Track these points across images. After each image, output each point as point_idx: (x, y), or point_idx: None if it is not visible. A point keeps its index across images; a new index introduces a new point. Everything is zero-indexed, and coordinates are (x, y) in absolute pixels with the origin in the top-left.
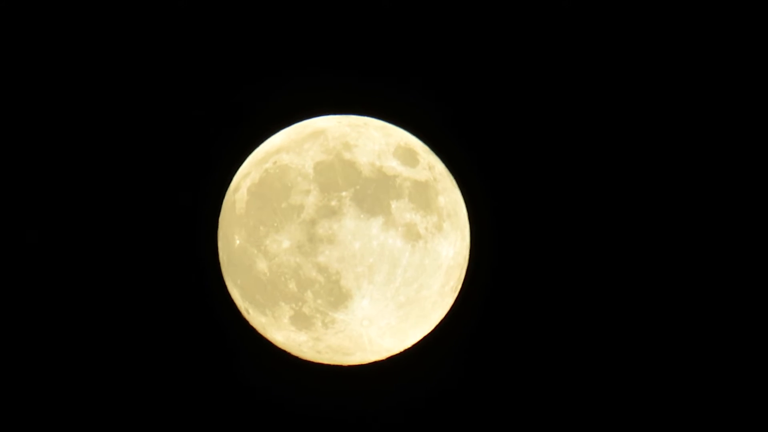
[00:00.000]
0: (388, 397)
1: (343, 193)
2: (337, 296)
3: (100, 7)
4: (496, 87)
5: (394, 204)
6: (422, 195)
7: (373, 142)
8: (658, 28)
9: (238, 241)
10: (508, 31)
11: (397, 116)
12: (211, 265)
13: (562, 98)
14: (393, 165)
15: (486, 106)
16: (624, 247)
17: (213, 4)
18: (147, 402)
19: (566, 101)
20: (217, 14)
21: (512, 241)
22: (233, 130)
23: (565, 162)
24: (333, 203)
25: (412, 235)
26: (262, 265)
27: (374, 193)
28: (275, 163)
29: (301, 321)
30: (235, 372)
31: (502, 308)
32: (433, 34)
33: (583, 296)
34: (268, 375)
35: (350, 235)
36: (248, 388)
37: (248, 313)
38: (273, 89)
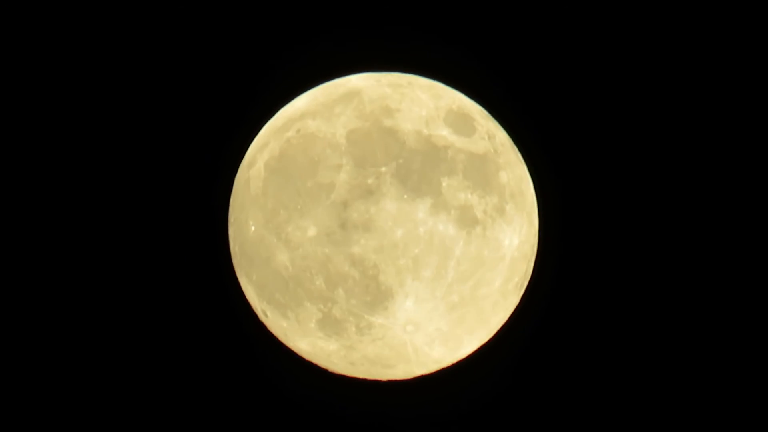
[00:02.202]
0: (437, 419)
1: (383, 169)
2: (375, 295)
3: None
4: (569, 34)
5: (445, 181)
6: (480, 170)
7: (419, 106)
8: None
9: (253, 228)
10: None
11: (449, 74)
12: (220, 257)
13: (648, 56)
14: (444, 134)
15: (558, 58)
16: (722, 235)
17: None
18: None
19: (653, 60)
20: None
21: (590, 227)
22: (248, 91)
23: (653, 131)
24: (370, 181)
25: (467, 219)
26: (282, 258)
27: (421, 169)
28: (299, 131)
29: (331, 326)
30: (250, 388)
31: (577, 310)
32: None
33: (673, 293)
34: (290, 391)
35: (391, 220)
36: (265, 406)
37: (266, 316)
38: (297, 41)
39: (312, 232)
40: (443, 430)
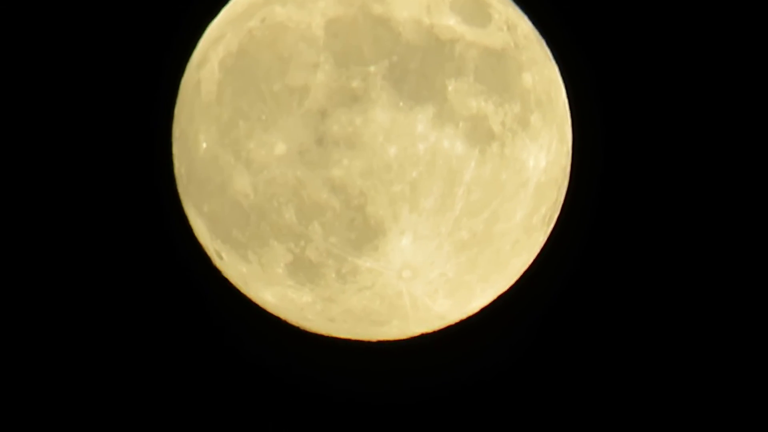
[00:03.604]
0: (440, 391)
1: (372, 68)
2: (362, 232)
3: None
4: None
5: (451, 85)
6: (497, 70)
7: None
8: None
9: (204, 145)
10: None
11: None
12: (161, 182)
13: None
14: (450, 23)
15: None
16: None
17: None
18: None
19: None
20: None
21: (638, 145)
22: None
23: (723, 30)
24: (355, 84)
25: (480, 134)
26: (242, 183)
27: (420, 68)
28: (264, 20)
29: (305, 271)
30: (201, 349)
31: (620, 251)
32: None
33: (742, 235)
34: (252, 354)
35: (382, 134)
36: (222, 372)
37: (220, 258)
38: None
39: (280, 149)
40: (448, 404)
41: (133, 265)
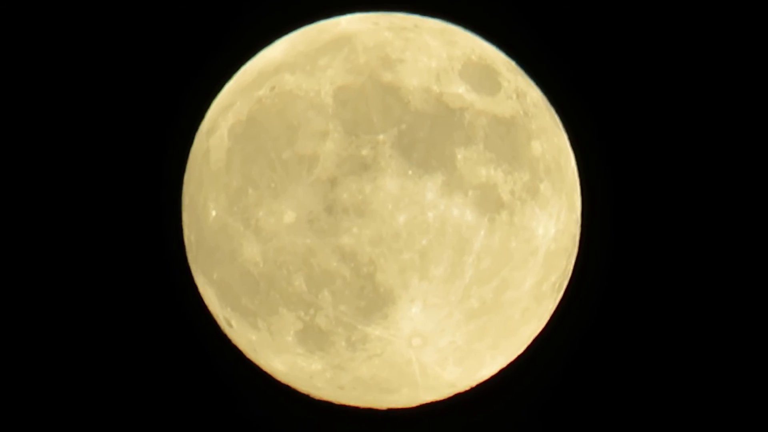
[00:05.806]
0: None
1: (381, 137)
2: (371, 300)
3: None
4: None
5: (461, 153)
6: (506, 139)
7: (428, 56)
8: None
9: (214, 213)
10: None
11: (467, 14)
12: (171, 250)
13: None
14: (460, 91)
15: None
16: None
17: None
18: None
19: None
20: None
21: (647, 212)
22: (206, 37)
23: (730, 92)
24: (364, 152)
25: (489, 202)
26: (251, 251)
27: (430, 137)
28: (273, 89)
29: (315, 339)
30: (209, 417)
31: (631, 318)
32: None
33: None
34: (261, 423)
35: (391, 202)
36: None
37: (230, 326)
38: None
39: (289, 217)
40: None
41: (144, 332)
